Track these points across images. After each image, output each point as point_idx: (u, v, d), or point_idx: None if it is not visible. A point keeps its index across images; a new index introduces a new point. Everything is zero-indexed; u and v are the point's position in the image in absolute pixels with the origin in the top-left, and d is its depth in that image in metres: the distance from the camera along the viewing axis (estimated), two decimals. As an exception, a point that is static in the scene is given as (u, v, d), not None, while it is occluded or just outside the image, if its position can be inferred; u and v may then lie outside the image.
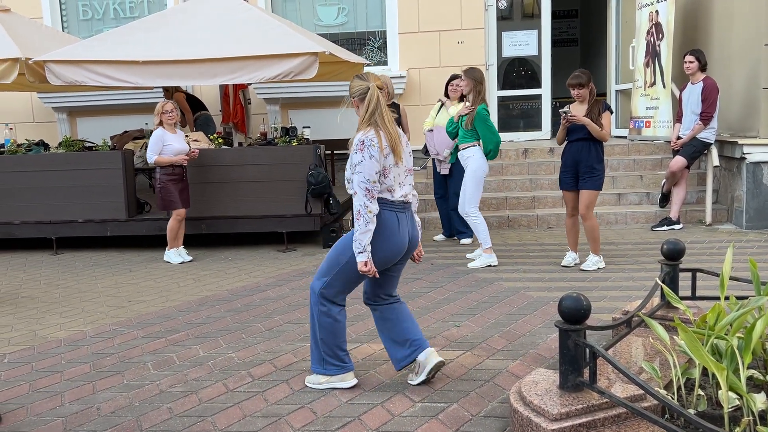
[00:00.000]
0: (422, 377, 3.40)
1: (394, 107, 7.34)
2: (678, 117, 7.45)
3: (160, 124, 6.56)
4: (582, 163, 5.53)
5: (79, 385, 3.65)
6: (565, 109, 5.54)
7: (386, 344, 3.48)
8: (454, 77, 7.02)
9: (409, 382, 3.45)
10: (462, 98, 6.96)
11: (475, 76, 5.96)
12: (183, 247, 6.81)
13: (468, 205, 6.03)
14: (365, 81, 3.29)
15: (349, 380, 3.43)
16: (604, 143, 5.67)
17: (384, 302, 3.48)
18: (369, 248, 3.19)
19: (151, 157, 6.47)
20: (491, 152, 6.03)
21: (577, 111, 5.55)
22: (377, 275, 3.26)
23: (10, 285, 6.08)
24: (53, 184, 7.31)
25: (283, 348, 4.08)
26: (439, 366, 3.40)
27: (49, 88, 8.05)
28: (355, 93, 3.30)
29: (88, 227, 7.35)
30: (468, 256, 6.28)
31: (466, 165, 6.11)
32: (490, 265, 5.97)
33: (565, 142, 5.66)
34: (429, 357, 3.39)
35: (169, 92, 8.80)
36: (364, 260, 3.19)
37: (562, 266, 5.80)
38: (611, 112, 5.53)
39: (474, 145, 6.02)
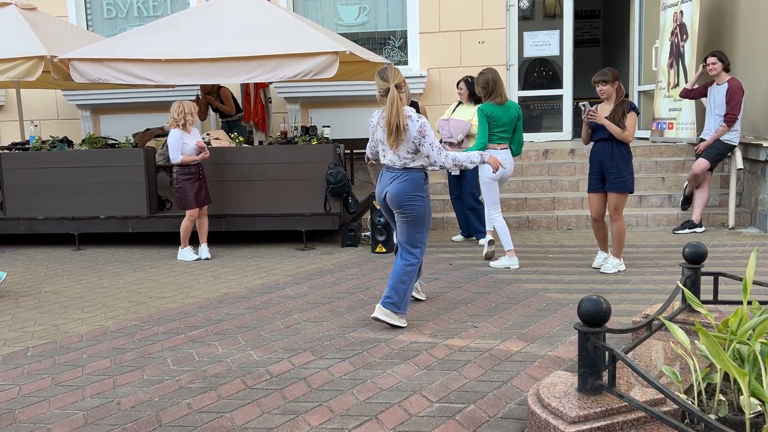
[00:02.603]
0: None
1: (413, 106, 7.33)
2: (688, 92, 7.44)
3: (184, 125, 6.54)
4: (606, 163, 5.45)
5: (100, 379, 3.69)
6: (585, 102, 5.44)
7: None
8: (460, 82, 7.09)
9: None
10: (476, 101, 6.96)
11: (478, 80, 6.03)
12: (206, 245, 6.85)
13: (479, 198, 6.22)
14: (386, 82, 4.23)
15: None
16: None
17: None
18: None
19: (177, 156, 6.49)
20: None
21: (603, 110, 5.47)
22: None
23: (33, 279, 6.17)
24: (76, 180, 7.40)
25: (302, 346, 4.10)
26: (374, 319, 4.34)
27: (74, 85, 8.18)
28: (380, 91, 4.28)
29: (110, 223, 7.44)
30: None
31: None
32: (500, 251, 6.19)
33: (591, 143, 5.60)
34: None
35: (214, 88, 8.89)
36: None
37: (593, 267, 5.74)
38: (637, 113, 5.40)
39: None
